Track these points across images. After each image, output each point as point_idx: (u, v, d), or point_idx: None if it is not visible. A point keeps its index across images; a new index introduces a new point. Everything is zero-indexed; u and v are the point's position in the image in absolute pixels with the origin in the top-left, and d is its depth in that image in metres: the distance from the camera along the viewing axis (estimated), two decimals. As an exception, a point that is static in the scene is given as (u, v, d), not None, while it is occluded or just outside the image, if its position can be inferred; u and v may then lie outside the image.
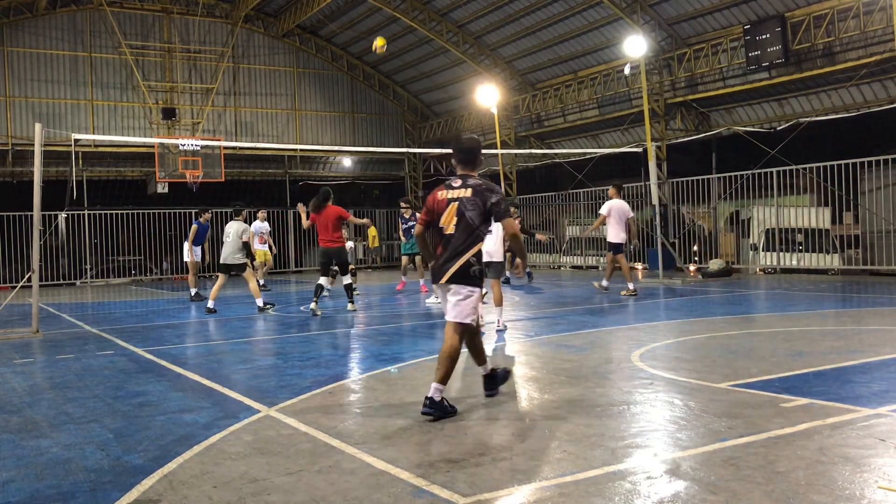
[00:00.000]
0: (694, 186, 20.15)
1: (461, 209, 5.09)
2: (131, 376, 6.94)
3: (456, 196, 5.15)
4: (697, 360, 6.77)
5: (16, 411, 5.59)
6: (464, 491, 3.55)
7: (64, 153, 22.77)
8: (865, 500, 3.26)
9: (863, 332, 8.27)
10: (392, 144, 30.20)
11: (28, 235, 19.79)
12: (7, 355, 8.48)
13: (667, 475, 3.69)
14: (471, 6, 23.83)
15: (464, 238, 5.08)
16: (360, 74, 30.03)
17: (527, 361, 7.12)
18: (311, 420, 4.98)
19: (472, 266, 5.07)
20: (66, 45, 25.33)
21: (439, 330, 9.47)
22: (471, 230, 5.08)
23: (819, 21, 17.16)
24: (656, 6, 20.20)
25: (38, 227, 10.53)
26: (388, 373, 6.63)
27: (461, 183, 5.21)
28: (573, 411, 5.01)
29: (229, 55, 27.29)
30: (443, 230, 5.16)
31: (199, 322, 11.65)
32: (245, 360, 7.72)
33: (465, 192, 5.13)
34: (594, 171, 23.88)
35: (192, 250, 15.48)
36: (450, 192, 5.21)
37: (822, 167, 17.06)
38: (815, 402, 4.95)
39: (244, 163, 28.55)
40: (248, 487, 3.72)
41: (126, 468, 4.10)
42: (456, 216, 5.11)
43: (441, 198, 5.23)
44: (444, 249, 5.16)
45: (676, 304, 11.85)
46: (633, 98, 22.34)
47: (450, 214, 5.13)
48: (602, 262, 21.75)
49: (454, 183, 5.26)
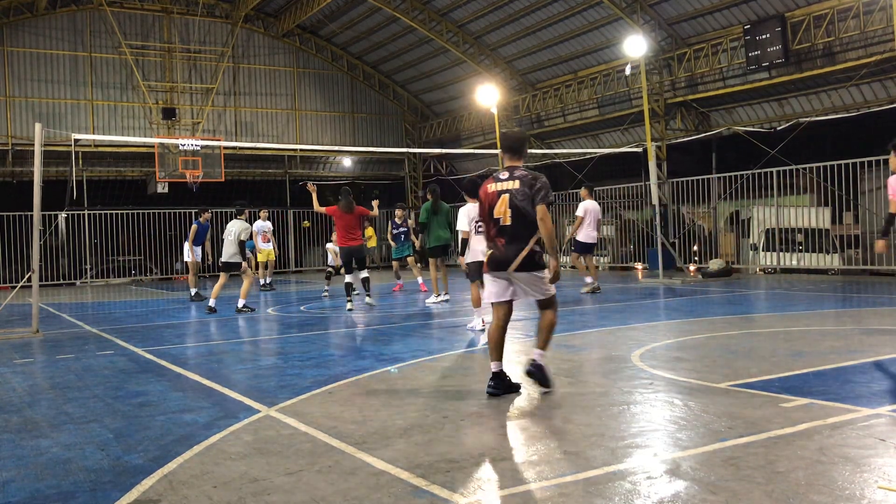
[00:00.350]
0: (694, 186, 20.14)
1: (513, 201, 5.37)
2: (131, 376, 6.94)
3: (505, 188, 5.43)
4: (697, 360, 6.76)
5: (16, 411, 5.59)
6: (464, 491, 3.55)
7: (64, 153, 22.78)
8: (865, 500, 3.26)
9: (863, 332, 8.26)
10: (392, 144, 30.21)
11: (28, 235, 19.79)
12: (7, 355, 8.48)
13: (667, 475, 3.69)
14: (471, 6, 23.82)
15: (522, 228, 5.36)
16: (360, 74, 30.04)
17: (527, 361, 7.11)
18: (311, 420, 4.98)
19: (535, 253, 5.40)
20: (66, 45, 25.34)
21: (439, 330, 9.46)
22: (526, 220, 5.34)
23: (819, 21, 17.16)
24: (656, 6, 20.20)
25: (38, 227, 10.54)
26: (388, 373, 6.63)
27: (508, 175, 5.48)
28: (573, 411, 5.01)
29: (229, 55, 27.29)
30: (499, 221, 5.44)
31: (199, 322, 11.65)
32: (245, 360, 7.72)
33: (513, 184, 5.40)
34: (594, 172, 23.87)
35: (192, 250, 15.48)
36: (498, 184, 5.48)
37: (822, 167, 17.06)
38: (815, 402, 4.94)
39: (244, 163, 28.55)
40: (248, 487, 3.71)
41: (126, 468, 4.10)
42: (510, 208, 5.37)
43: (491, 190, 5.50)
44: (503, 239, 5.43)
45: (676, 304, 11.85)
46: (633, 98, 22.34)
47: (503, 205, 5.40)
48: (602, 263, 21.75)
49: (502, 175, 5.52)
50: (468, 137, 29.70)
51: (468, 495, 3.50)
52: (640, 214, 22.42)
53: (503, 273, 5.46)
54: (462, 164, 32.14)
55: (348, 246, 11.89)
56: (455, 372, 6.68)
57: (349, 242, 11.87)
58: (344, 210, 11.84)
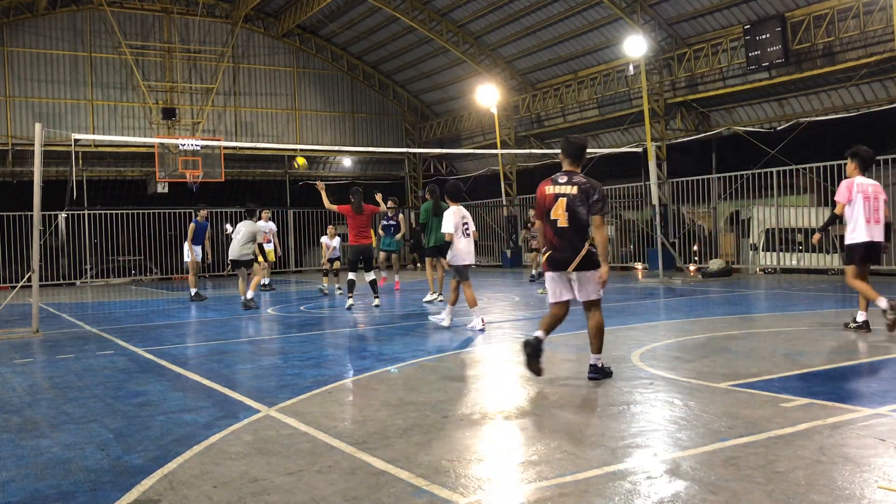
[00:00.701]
0: (694, 186, 20.14)
1: (570, 204, 5.70)
2: (131, 376, 6.93)
3: (563, 192, 5.74)
4: (697, 360, 6.76)
5: (16, 411, 5.59)
6: (464, 491, 3.55)
7: (64, 153, 22.79)
8: (865, 500, 3.26)
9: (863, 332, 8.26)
10: (392, 144, 30.21)
11: (28, 235, 19.79)
12: (7, 355, 8.48)
13: (667, 475, 3.69)
14: (471, 6, 23.83)
15: (578, 230, 5.73)
16: (360, 74, 30.04)
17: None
18: (311, 420, 4.98)
19: (592, 254, 5.77)
20: (66, 45, 25.34)
21: (439, 330, 9.46)
22: (581, 224, 5.72)
23: (819, 21, 17.16)
24: (656, 6, 20.20)
25: (38, 227, 10.53)
26: (388, 373, 6.63)
27: (567, 179, 5.78)
28: (573, 411, 5.01)
29: (229, 55, 27.30)
30: (556, 222, 5.77)
31: (199, 322, 11.66)
32: (245, 360, 7.72)
33: (571, 189, 5.72)
34: (594, 171, 23.83)
35: (192, 249, 15.49)
36: (556, 187, 5.79)
37: (822, 167, 17.06)
38: (815, 402, 4.94)
39: (244, 163, 28.55)
40: (248, 487, 3.71)
41: (126, 468, 4.10)
42: (567, 211, 5.71)
43: (549, 192, 5.82)
44: (561, 240, 5.77)
45: (676, 304, 11.85)
46: (633, 98, 22.34)
47: (560, 208, 5.73)
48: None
49: (560, 179, 5.81)
50: (468, 137, 29.70)
51: (468, 495, 3.50)
52: (640, 214, 22.42)
53: (563, 273, 5.80)
54: (462, 164, 32.14)
55: (359, 244, 12.09)
56: (455, 372, 6.68)
57: (360, 241, 12.09)
58: (355, 210, 12.04)
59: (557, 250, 5.79)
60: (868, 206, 7.78)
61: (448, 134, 29.67)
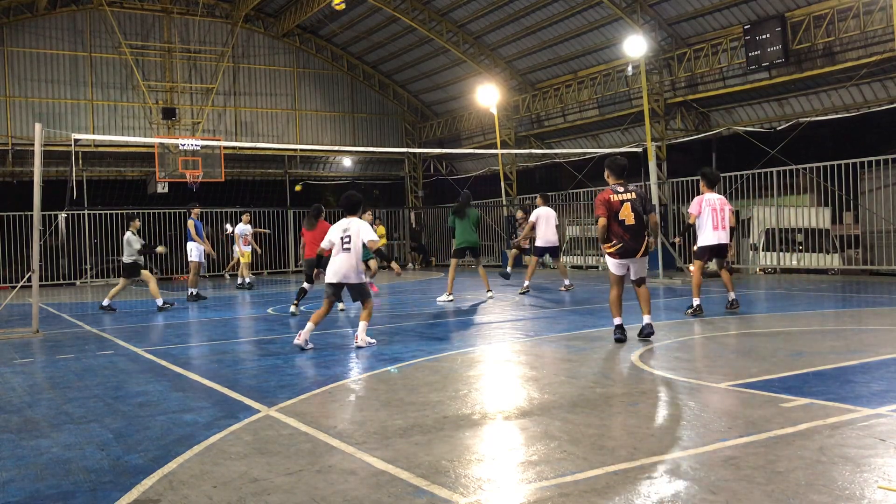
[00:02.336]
0: (694, 186, 20.11)
1: (634, 207, 7.58)
2: (131, 376, 6.94)
3: (626, 198, 7.62)
4: (697, 360, 6.77)
5: (16, 411, 5.59)
6: (464, 491, 3.55)
7: (64, 153, 22.78)
8: (865, 500, 3.26)
9: (863, 332, 8.27)
10: (392, 144, 30.21)
11: (28, 235, 19.79)
12: (7, 355, 8.48)
13: (667, 475, 3.69)
14: (471, 6, 23.83)
15: (640, 226, 7.63)
16: (360, 74, 30.04)
17: (527, 361, 7.12)
18: (311, 420, 4.98)
19: (650, 244, 7.80)
20: (66, 45, 25.34)
21: (439, 330, 9.46)
22: (642, 221, 7.65)
23: (819, 21, 17.16)
24: (656, 6, 20.20)
25: (38, 227, 10.53)
26: (388, 373, 6.63)
27: (624, 189, 7.68)
28: (573, 411, 5.01)
29: (229, 55, 27.30)
30: (624, 221, 7.59)
31: (199, 322, 11.66)
32: (245, 360, 7.72)
33: (630, 195, 7.64)
34: (594, 171, 23.84)
35: (204, 242, 15.80)
36: (618, 195, 7.63)
37: (821, 167, 17.06)
38: (815, 402, 4.94)
39: (244, 163, 28.55)
40: (248, 487, 3.71)
41: (126, 468, 4.10)
42: (633, 212, 7.56)
43: (615, 199, 7.61)
44: (632, 235, 7.60)
45: (676, 304, 11.85)
46: (633, 98, 22.34)
47: (627, 210, 7.56)
48: (602, 262, 21.72)
49: (618, 188, 7.67)
50: (468, 137, 29.70)
51: (468, 495, 3.50)
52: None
53: (631, 259, 7.68)
54: (462, 164, 32.14)
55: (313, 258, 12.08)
56: (455, 372, 6.68)
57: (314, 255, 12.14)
58: (307, 227, 12.21)
59: (626, 243, 7.58)
60: (715, 215, 9.96)
61: (448, 134, 29.67)
